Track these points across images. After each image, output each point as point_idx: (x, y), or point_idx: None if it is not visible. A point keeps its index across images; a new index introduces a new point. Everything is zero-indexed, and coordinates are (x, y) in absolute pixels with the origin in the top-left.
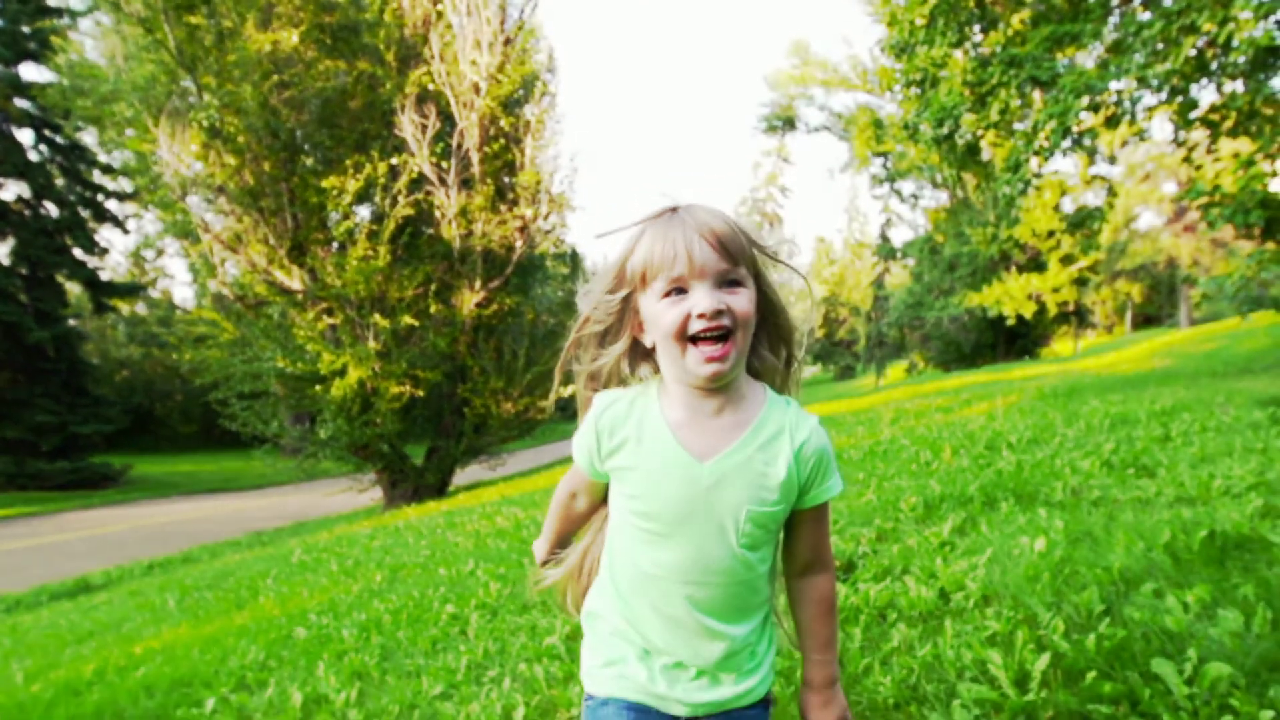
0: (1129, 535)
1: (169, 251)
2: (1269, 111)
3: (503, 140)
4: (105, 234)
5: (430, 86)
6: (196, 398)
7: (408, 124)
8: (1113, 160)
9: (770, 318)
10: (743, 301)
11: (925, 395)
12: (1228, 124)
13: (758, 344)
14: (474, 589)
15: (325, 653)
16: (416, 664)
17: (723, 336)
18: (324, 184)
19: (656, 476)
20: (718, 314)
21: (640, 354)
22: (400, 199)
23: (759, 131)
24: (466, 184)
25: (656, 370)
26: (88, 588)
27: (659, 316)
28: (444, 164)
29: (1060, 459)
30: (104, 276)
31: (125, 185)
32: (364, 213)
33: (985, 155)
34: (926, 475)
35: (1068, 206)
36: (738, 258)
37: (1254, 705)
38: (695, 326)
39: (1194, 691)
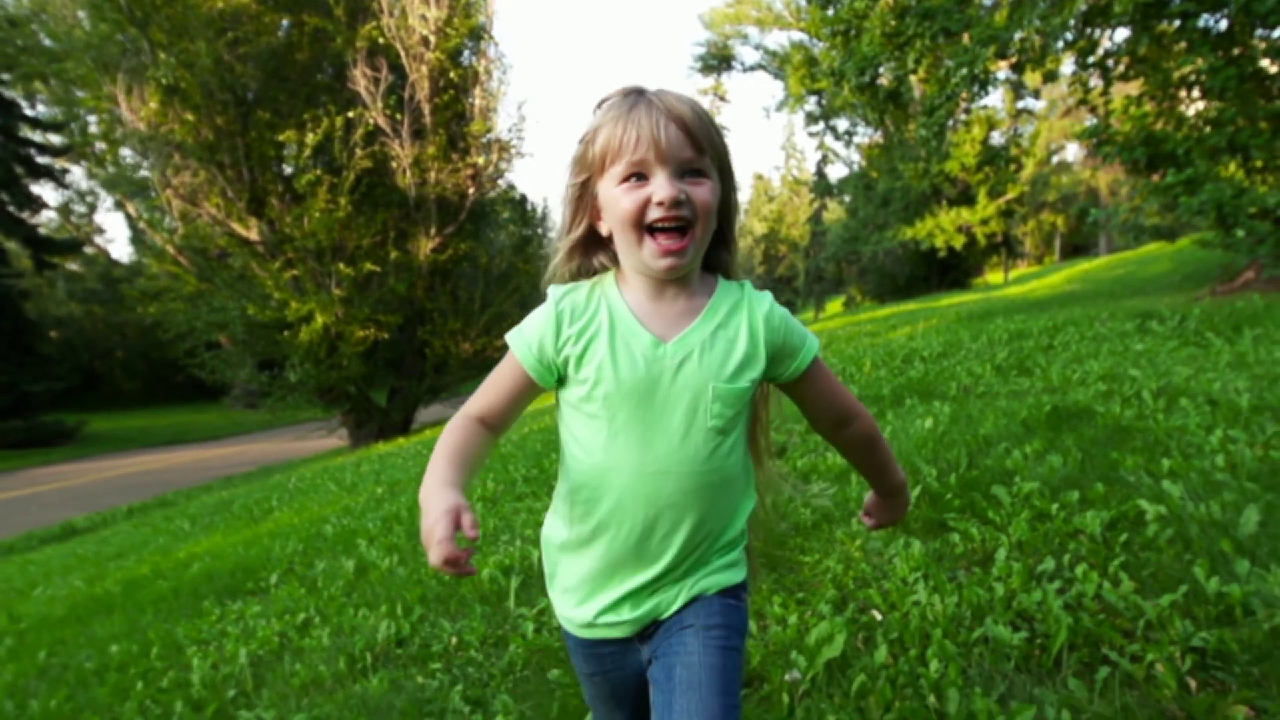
0: (996, 414)
1: (105, 206)
2: (1154, 57)
3: (452, 91)
4: (36, 190)
5: (380, 40)
6: (139, 354)
7: (360, 77)
8: (1036, 94)
9: (726, 217)
10: (704, 193)
11: (858, 324)
12: (1119, 69)
13: (715, 239)
14: (473, 487)
15: (358, 539)
16: None
17: (681, 228)
18: (280, 138)
19: (618, 357)
20: (677, 203)
21: (597, 244)
22: (358, 151)
23: (695, 71)
24: (419, 134)
25: (613, 261)
26: (74, 531)
27: (616, 202)
28: (398, 116)
29: (960, 366)
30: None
31: (53, 139)
32: (320, 164)
33: (915, 93)
34: (849, 384)
35: (998, 140)
36: (703, 147)
37: (1049, 503)
38: (653, 215)
39: (1014, 500)
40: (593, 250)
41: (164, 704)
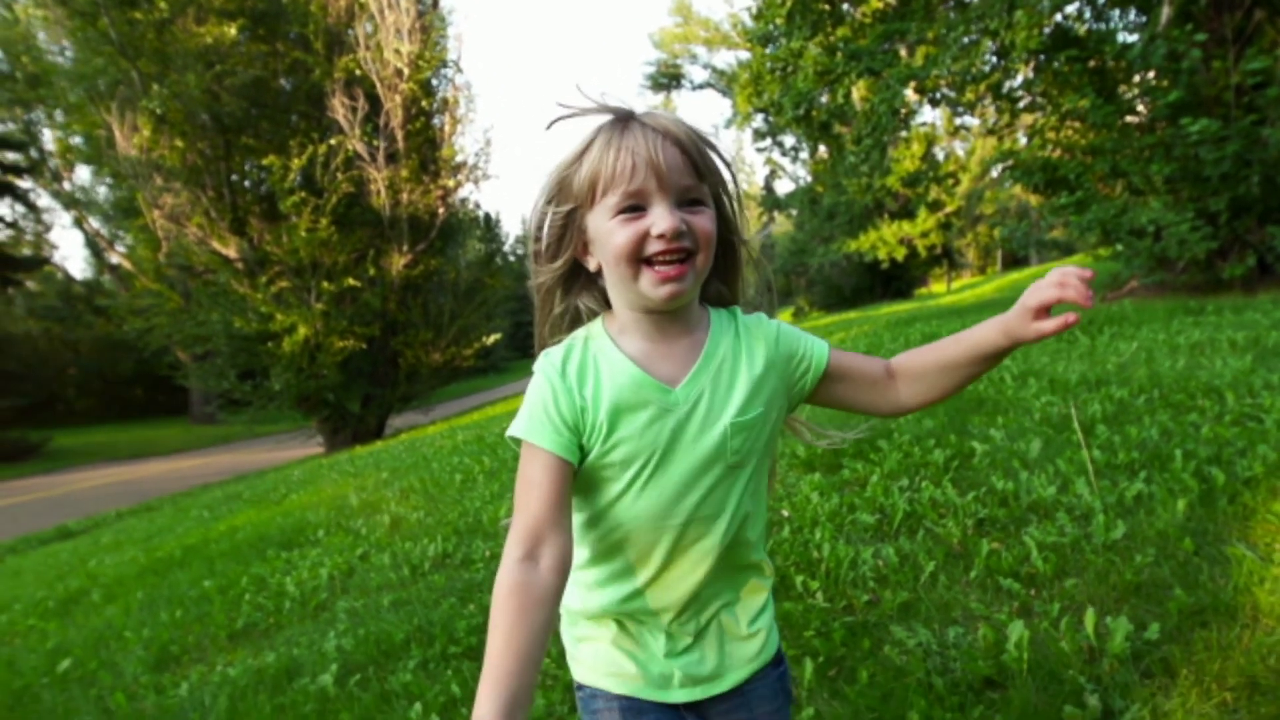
0: None
1: (62, 224)
2: (1053, 92)
3: (423, 119)
4: None
5: (357, 72)
6: (94, 371)
7: (339, 106)
8: (971, 111)
9: (728, 246)
10: (705, 222)
11: None
12: (1023, 103)
13: (711, 272)
14: (471, 467)
15: (383, 505)
16: (455, 497)
17: (682, 259)
18: (264, 162)
19: (630, 415)
20: (679, 235)
21: (581, 280)
22: (339, 176)
23: (645, 89)
24: (393, 159)
25: (599, 301)
26: (70, 533)
27: (609, 236)
28: (374, 142)
29: None
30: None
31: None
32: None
33: (857, 107)
34: None
35: (940, 154)
36: (703, 173)
37: (913, 447)
38: (652, 248)
39: (891, 446)
40: (576, 288)
41: (274, 603)
